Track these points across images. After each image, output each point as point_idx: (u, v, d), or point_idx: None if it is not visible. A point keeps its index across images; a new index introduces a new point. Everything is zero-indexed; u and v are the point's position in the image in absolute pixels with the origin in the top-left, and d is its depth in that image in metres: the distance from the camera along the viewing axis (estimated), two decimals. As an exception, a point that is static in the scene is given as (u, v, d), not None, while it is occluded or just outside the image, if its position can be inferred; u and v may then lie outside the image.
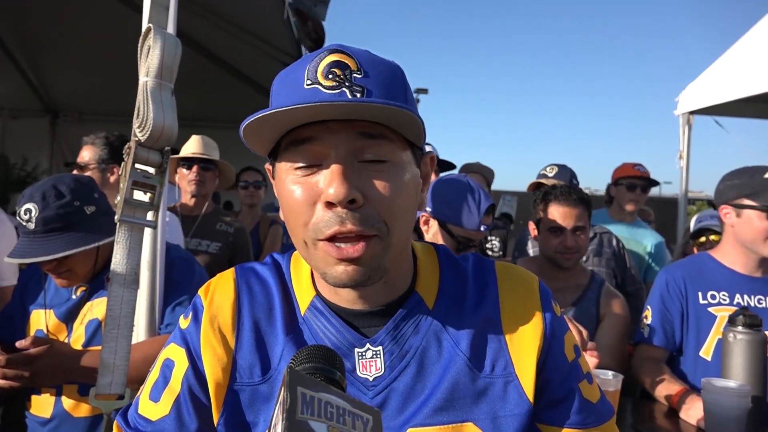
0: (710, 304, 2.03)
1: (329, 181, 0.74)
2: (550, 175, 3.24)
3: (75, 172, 2.52)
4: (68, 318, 1.70)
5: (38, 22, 4.91)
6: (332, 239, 0.76)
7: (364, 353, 0.84)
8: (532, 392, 0.85)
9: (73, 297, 1.73)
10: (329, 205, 0.75)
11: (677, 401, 1.84)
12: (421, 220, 2.03)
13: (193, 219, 2.91)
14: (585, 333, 1.66)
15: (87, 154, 2.54)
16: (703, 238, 3.46)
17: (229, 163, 3.05)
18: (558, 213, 2.21)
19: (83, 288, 1.73)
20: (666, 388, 1.92)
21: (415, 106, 0.85)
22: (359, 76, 0.76)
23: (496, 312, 0.88)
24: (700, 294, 2.04)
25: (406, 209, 0.80)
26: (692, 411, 1.75)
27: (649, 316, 2.14)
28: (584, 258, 2.94)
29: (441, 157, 3.13)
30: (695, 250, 3.46)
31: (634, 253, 3.39)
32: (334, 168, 0.74)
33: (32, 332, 1.73)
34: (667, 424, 1.79)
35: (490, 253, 3.46)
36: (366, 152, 0.77)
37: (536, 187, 3.25)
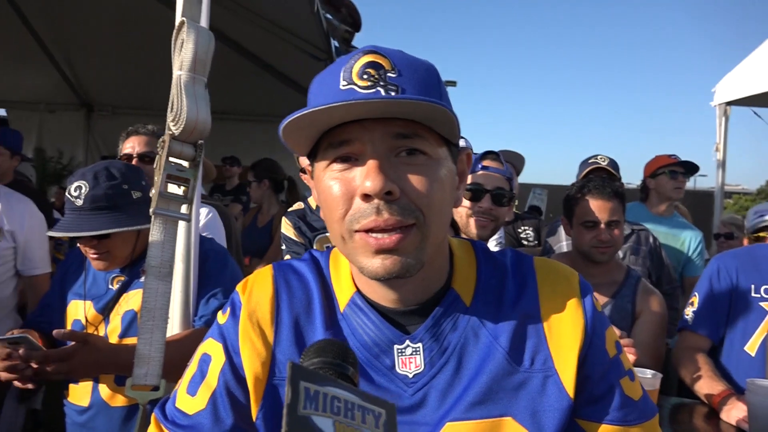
0: (763, 299, 1.95)
1: (366, 175, 0.75)
2: (604, 163, 3.14)
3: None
4: (105, 309, 1.74)
5: (74, 19, 5.02)
6: (369, 231, 0.76)
7: (403, 350, 0.84)
8: (573, 387, 0.84)
9: (111, 288, 1.76)
10: (366, 197, 0.75)
11: (719, 402, 1.78)
12: None
13: None
14: (619, 332, 1.63)
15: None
16: (763, 233, 3.33)
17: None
18: (592, 207, 2.17)
19: (120, 278, 1.77)
20: (708, 386, 1.86)
21: (449, 103, 0.84)
22: (393, 76, 0.77)
23: (536, 307, 0.87)
24: (753, 287, 1.97)
25: (442, 203, 0.80)
26: (734, 411, 1.70)
27: (695, 302, 2.08)
28: (621, 255, 2.89)
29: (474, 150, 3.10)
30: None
31: (671, 248, 3.31)
32: (371, 162, 0.75)
33: (70, 322, 1.78)
34: (707, 426, 1.75)
35: (525, 243, 3.41)
36: (402, 147, 0.77)
37: (588, 173, 3.16)
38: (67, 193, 1.69)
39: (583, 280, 0.92)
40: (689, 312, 2.08)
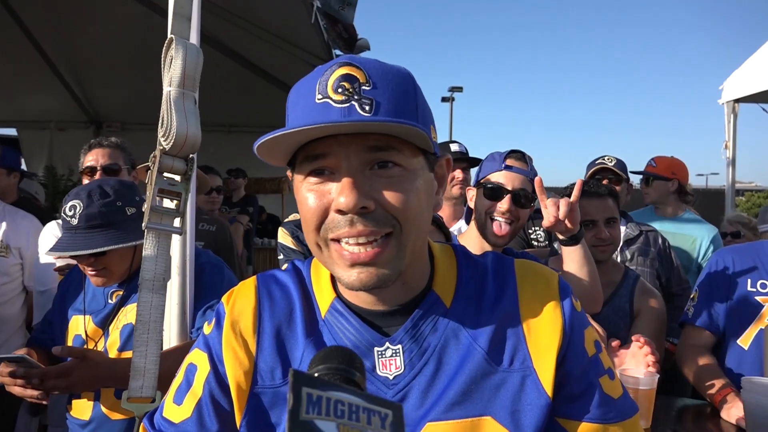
0: (758, 293, 1.94)
1: (340, 191, 0.77)
2: (610, 164, 3.11)
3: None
4: (105, 323, 1.77)
5: (81, 38, 5.12)
6: (343, 240, 0.78)
7: (383, 352, 0.86)
8: (551, 386, 0.84)
9: (110, 302, 1.79)
10: (341, 212, 0.77)
11: (719, 401, 1.77)
12: (468, 198, 2.09)
13: None
14: (602, 332, 1.63)
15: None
16: None
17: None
18: (589, 206, 2.18)
19: (118, 293, 1.79)
20: (710, 384, 1.86)
21: (425, 112, 0.86)
22: (368, 89, 0.78)
23: (515, 308, 0.89)
24: (749, 280, 1.96)
25: (418, 212, 0.81)
26: (734, 410, 1.69)
27: (696, 297, 2.08)
28: (628, 257, 2.87)
29: (472, 154, 3.10)
30: None
31: (679, 248, 3.26)
32: (345, 180, 0.77)
33: (71, 337, 1.81)
34: (708, 425, 1.73)
35: (535, 243, 3.40)
36: (376, 161, 0.79)
37: (594, 174, 3.14)
38: (62, 213, 1.72)
39: (563, 281, 0.93)
40: (690, 307, 2.07)
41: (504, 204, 1.91)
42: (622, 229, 2.95)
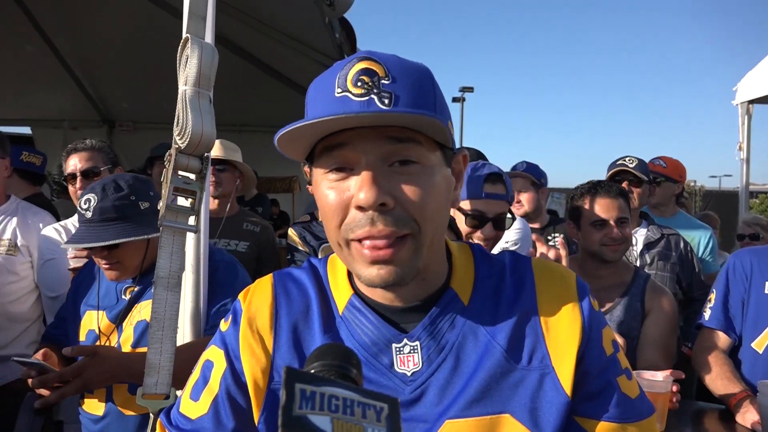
0: None
1: (360, 186, 0.77)
2: (631, 165, 3.08)
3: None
4: (118, 319, 1.78)
5: (95, 39, 5.16)
6: (363, 240, 0.78)
7: (401, 348, 0.86)
8: (570, 385, 0.84)
9: (123, 298, 1.80)
10: (360, 208, 0.77)
11: (734, 405, 1.75)
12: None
13: (218, 221, 2.96)
14: (621, 340, 1.64)
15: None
16: None
17: (249, 166, 3.09)
18: (601, 206, 2.21)
19: (132, 289, 1.81)
20: (725, 388, 1.84)
21: (443, 108, 0.86)
22: (387, 82, 0.78)
23: (533, 306, 0.89)
24: (766, 283, 1.94)
25: (437, 209, 0.82)
26: (749, 414, 1.67)
27: (713, 299, 2.07)
28: (648, 261, 2.86)
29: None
30: None
31: None
32: (365, 174, 0.77)
33: (85, 332, 1.82)
34: (723, 429, 1.72)
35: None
36: (395, 156, 0.79)
37: (615, 175, 3.10)
38: (78, 207, 1.76)
39: (580, 281, 0.93)
40: (707, 309, 2.05)
41: (485, 231, 2.00)
42: (643, 231, 2.93)
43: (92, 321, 1.81)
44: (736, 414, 1.74)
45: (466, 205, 1.99)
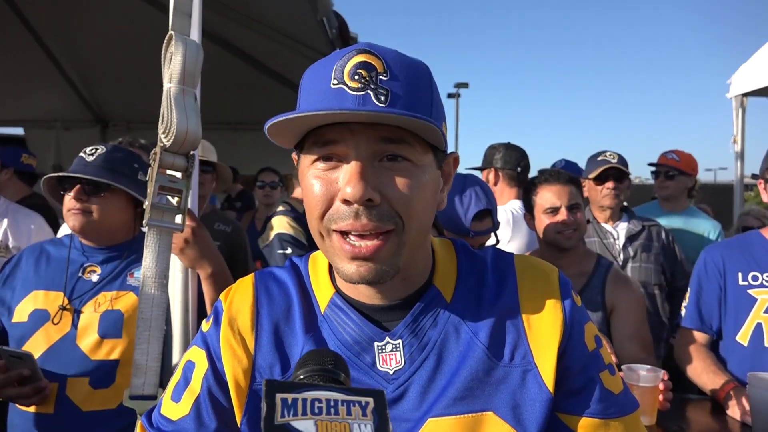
0: (751, 286, 1.90)
1: (347, 180, 0.76)
2: (614, 161, 3.09)
3: None
4: (79, 300, 1.73)
5: (87, 38, 5.13)
6: (346, 234, 0.78)
7: (383, 347, 0.85)
8: (552, 381, 0.84)
9: (83, 277, 1.77)
10: (346, 202, 0.76)
11: (723, 397, 1.75)
12: None
13: None
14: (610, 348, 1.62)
15: None
16: None
17: (226, 165, 3.06)
18: (551, 193, 2.21)
19: (94, 269, 1.79)
20: (712, 381, 1.84)
21: (439, 109, 0.85)
22: (385, 78, 0.77)
23: (515, 302, 0.88)
24: (740, 274, 1.92)
25: (422, 209, 0.81)
26: (738, 406, 1.66)
27: (687, 297, 2.06)
28: (631, 254, 2.85)
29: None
30: None
31: (692, 235, 3.25)
32: (353, 168, 0.76)
33: (27, 313, 1.72)
34: (713, 422, 1.72)
35: None
36: (386, 153, 0.78)
37: (601, 173, 3.11)
38: (81, 153, 1.81)
39: (562, 276, 0.93)
40: (683, 308, 2.04)
41: None
42: (624, 225, 2.93)
43: (38, 300, 1.73)
44: (726, 406, 1.73)
45: (449, 234, 2.00)
